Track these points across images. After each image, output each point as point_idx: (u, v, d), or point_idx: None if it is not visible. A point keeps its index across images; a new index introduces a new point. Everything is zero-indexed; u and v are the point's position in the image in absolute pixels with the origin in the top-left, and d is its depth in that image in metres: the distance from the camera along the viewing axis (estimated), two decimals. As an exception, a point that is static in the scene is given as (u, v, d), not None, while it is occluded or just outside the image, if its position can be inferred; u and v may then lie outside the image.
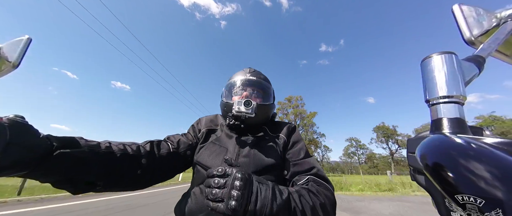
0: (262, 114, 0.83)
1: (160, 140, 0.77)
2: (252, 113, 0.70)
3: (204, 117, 0.95)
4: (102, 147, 0.55)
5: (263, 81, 0.90)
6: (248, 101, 0.71)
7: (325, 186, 0.66)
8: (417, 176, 0.29)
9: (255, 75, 0.89)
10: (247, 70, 0.92)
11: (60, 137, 0.47)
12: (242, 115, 0.71)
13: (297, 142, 0.82)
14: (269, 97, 0.90)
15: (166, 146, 0.75)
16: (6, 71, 0.47)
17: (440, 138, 0.25)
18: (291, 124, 0.90)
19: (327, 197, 0.61)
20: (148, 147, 0.69)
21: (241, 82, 0.87)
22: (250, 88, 0.86)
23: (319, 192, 0.60)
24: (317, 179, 0.68)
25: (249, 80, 0.87)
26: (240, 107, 0.71)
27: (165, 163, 0.71)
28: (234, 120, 0.74)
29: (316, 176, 0.69)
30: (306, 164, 0.73)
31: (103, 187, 0.54)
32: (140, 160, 0.63)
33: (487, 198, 0.18)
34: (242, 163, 0.69)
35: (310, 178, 0.67)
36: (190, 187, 0.76)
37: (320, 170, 0.73)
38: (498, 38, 0.38)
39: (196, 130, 0.88)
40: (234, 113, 0.72)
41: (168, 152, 0.73)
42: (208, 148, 0.78)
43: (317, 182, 0.66)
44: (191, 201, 0.69)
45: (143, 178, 0.65)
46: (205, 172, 0.69)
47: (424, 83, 0.32)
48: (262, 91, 0.88)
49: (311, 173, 0.71)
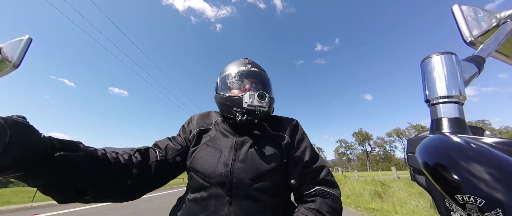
0: (271, 108, 0.79)
1: (147, 147, 0.70)
2: (266, 106, 0.66)
3: (196, 115, 0.87)
4: (99, 154, 0.52)
5: (264, 72, 0.84)
6: (262, 93, 0.66)
7: (333, 197, 0.66)
8: (417, 176, 0.29)
9: (255, 66, 0.82)
10: (245, 60, 0.83)
11: (61, 139, 0.46)
12: (256, 109, 0.65)
13: (301, 142, 0.76)
14: (270, 90, 0.83)
15: (154, 154, 0.69)
16: (7, 71, 0.47)
17: (440, 138, 0.25)
18: (293, 120, 0.82)
19: (335, 211, 0.63)
20: (138, 156, 0.64)
21: (242, 74, 0.78)
22: (252, 80, 0.78)
23: (328, 211, 0.61)
24: (325, 189, 0.66)
25: (251, 71, 0.79)
26: (253, 101, 0.65)
27: (153, 173, 0.65)
28: (247, 116, 0.67)
29: (323, 183, 0.68)
30: (314, 168, 0.70)
31: (92, 196, 0.51)
32: (131, 171, 0.59)
33: (487, 198, 0.18)
34: (238, 169, 0.64)
35: (318, 190, 0.66)
36: (185, 192, 0.73)
37: (328, 175, 0.70)
38: (498, 39, 0.38)
39: (187, 132, 0.80)
40: (246, 107, 0.66)
41: (156, 160, 0.67)
42: (201, 150, 0.72)
43: (324, 194, 0.65)
44: (185, 209, 0.67)
45: (133, 189, 0.61)
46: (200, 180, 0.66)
47: (424, 83, 0.32)
48: (264, 83, 0.81)
49: (319, 180, 0.68)
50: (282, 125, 0.79)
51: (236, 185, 0.62)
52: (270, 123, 0.80)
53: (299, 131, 0.79)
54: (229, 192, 0.62)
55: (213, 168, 0.65)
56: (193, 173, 0.69)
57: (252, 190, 0.62)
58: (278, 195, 0.67)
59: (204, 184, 0.65)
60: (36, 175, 0.40)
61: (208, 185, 0.64)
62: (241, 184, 0.62)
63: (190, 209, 0.64)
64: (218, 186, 0.63)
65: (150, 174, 0.65)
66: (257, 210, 0.61)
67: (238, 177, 0.63)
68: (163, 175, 0.70)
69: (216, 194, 0.62)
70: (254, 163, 0.65)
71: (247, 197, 0.62)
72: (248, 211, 0.60)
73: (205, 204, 0.62)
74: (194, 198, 0.65)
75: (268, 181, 0.64)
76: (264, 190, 0.63)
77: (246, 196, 0.62)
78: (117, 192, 0.57)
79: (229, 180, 0.63)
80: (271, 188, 0.64)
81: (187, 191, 0.71)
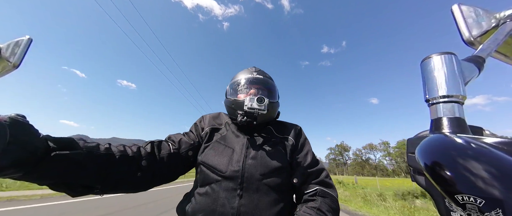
0: (272, 112, 0.84)
1: (160, 140, 0.75)
2: (264, 109, 0.71)
3: (208, 115, 0.94)
4: (101, 149, 0.53)
5: (269, 79, 0.91)
6: (261, 97, 0.72)
7: (331, 197, 0.70)
8: (417, 177, 0.29)
9: (261, 73, 0.90)
10: (252, 69, 0.93)
11: (58, 138, 0.46)
12: (255, 111, 0.71)
13: (304, 146, 0.82)
14: (275, 95, 0.91)
15: (166, 147, 0.72)
16: (7, 71, 0.47)
17: (440, 138, 0.24)
18: (297, 126, 0.90)
19: (334, 211, 0.67)
20: (149, 148, 0.67)
21: (248, 81, 0.87)
22: (257, 86, 0.87)
23: (328, 210, 0.65)
24: (324, 189, 0.71)
25: (256, 78, 0.87)
26: (252, 104, 0.71)
27: (165, 165, 0.69)
28: (246, 117, 0.73)
29: (323, 184, 0.73)
30: (315, 170, 0.75)
31: (101, 190, 0.53)
32: (140, 162, 0.61)
33: (487, 198, 0.18)
34: (249, 165, 0.69)
35: (318, 190, 0.70)
36: (193, 188, 0.75)
37: (327, 177, 0.75)
38: (498, 39, 0.38)
39: (200, 129, 0.86)
40: (246, 109, 0.72)
41: (169, 153, 0.71)
42: (213, 147, 0.77)
43: (324, 194, 0.70)
44: (195, 202, 0.68)
45: (143, 180, 0.63)
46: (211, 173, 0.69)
47: (424, 83, 0.32)
48: (269, 89, 0.89)
49: (319, 180, 0.73)
50: (287, 129, 0.86)
51: (247, 179, 0.67)
52: (276, 127, 0.87)
53: (302, 136, 0.86)
54: (240, 185, 0.66)
55: (226, 163, 0.70)
56: (204, 167, 0.72)
57: (262, 184, 0.67)
58: (284, 192, 0.71)
59: (216, 178, 0.69)
60: (36, 175, 0.41)
61: (220, 179, 0.68)
62: (251, 178, 0.67)
63: (200, 202, 0.67)
64: (230, 180, 0.67)
65: (161, 166, 0.68)
66: (265, 203, 0.65)
67: (249, 172, 0.68)
68: (174, 168, 0.74)
69: (227, 187, 0.66)
70: (264, 161, 0.71)
71: (257, 191, 0.66)
72: (257, 203, 0.64)
73: (216, 197, 0.65)
74: (204, 192, 0.68)
75: (276, 177, 0.69)
76: (273, 185, 0.68)
77: (256, 190, 0.66)
78: (126, 184, 0.59)
79: (241, 174, 0.67)
80: (279, 185, 0.69)
81: (196, 185, 0.75)
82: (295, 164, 0.76)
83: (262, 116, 0.74)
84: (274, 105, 0.85)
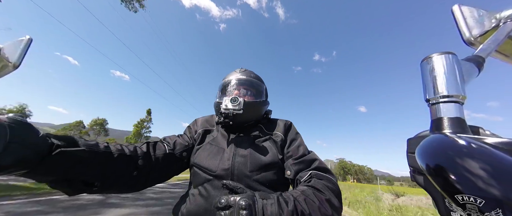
0: (253, 111, 0.84)
1: (156, 141, 0.77)
2: (239, 109, 0.72)
3: (200, 118, 0.96)
4: (101, 147, 0.55)
5: (253, 79, 0.91)
6: (234, 97, 0.73)
7: (328, 178, 0.65)
8: (417, 177, 0.29)
9: (245, 74, 0.91)
10: (238, 70, 0.94)
11: (60, 135, 0.48)
12: (230, 112, 0.72)
13: (295, 139, 0.81)
14: (260, 95, 0.91)
15: (162, 147, 0.74)
16: (7, 71, 0.47)
17: (440, 138, 0.24)
18: (287, 121, 0.90)
19: (331, 190, 0.60)
20: (145, 148, 0.69)
21: (232, 82, 0.88)
22: (241, 86, 0.88)
23: (323, 187, 0.60)
24: (319, 173, 0.67)
25: (239, 79, 0.89)
26: (227, 104, 0.72)
27: (160, 165, 0.71)
28: (223, 118, 0.74)
29: (318, 169, 0.69)
30: (307, 160, 0.73)
31: (100, 188, 0.54)
32: (136, 161, 0.63)
33: (487, 198, 0.18)
34: (238, 163, 0.70)
35: (313, 173, 0.67)
36: (189, 188, 0.77)
37: (321, 163, 0.73)
38: (498, 39, 0.38)
39: (193, 131, 0.88)
40: (222, 110, 0.73)
41: (164, 153, 0.73)
42: (205, 149, 0.78)
43: (319, 176, 0.65)
44: (189, 203, 0.69)
45: (139, 180, 0.65)
46: (204, 175, 0.70)
47: (423, 83, 0.32)
48: (252, 89, 0.90)
49: (313, 167, 0.70)
50: (277, 126, 0.86)
51: (237, 177, 0.68)
52: (266, 124, 0.89)
53: (292, 131, 0.85)
54: None
55: (217, 163, 0.71)
56: (196, 168, 0.74)
57: (252, 181, 0.68)
58: (277, 188, 0.71)
59: (208, 178, 0.70)
60: (41, 172, 0.42)
61: (212, 178, 0.69)
62: (241, 175, 0.68)
63: (195, 202, 0.68)
64: (221, 179, 0.67)
65: (157, 166, 0.70)
66: None
67: (239, 169, 0.69)
68: (169, 168, 0.75)
69: (218, 186, 0.67)
70: (253, 157, 0.71)
71: (248, 187, 0.64)
72: None
73: (208, 196, 0.67)
74: (197, 192, 0.69)
75: (266, 173, 0.70)
76: (263, 182, 0.69)
77: (246, 187, 0.64)
78: (124, 182, 0.61)
79: (230, 172, 0.68)
80: (270, 181, 0.70)
81: (190, 186, 0.76)
82: (286, 158, 0.76)
83: (239, 116, 0.74)
84: (255, 104, 0.85)
